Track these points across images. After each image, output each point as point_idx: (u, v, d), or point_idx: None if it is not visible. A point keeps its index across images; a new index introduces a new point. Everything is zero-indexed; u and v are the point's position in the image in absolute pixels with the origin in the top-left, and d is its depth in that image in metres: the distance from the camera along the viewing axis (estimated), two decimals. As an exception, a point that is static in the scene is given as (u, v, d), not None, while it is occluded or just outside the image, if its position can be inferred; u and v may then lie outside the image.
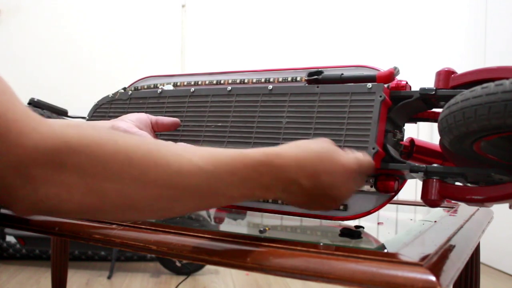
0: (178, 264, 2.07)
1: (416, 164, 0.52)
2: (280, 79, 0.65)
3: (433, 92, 0.53)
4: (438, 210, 0.75)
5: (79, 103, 1.18)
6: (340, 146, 0.54)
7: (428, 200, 0.51)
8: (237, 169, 0.40)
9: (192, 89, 0.69)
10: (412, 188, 1.80)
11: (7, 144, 0.31)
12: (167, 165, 0.37)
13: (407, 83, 0.57)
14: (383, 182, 0.54)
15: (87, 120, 0.80)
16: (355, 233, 0.52)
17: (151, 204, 0.37)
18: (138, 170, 0.35)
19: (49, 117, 0.85)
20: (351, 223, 0.59)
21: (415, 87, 0.57)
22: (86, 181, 0.34)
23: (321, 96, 0.57)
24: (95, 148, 0.34)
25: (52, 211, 0.35)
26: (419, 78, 0.88)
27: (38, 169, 0.32)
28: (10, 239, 2.22)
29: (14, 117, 0.32)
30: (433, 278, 0.36)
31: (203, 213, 0.74)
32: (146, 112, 0.69)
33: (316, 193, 0.44)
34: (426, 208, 0.82)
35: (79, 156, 0.33)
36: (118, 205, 0.36)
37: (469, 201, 0.49)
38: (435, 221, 0.61)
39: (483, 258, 0.80)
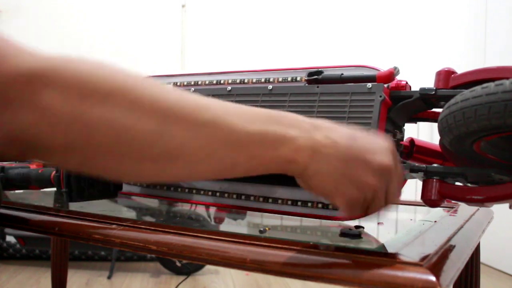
0: (178, 264, 2.07)
1: (416, 164, 0.52)
2: (280, 79, 0.65)
3: (433, 92, 0.53)
4: (438, 210, 0.75)
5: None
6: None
7: (428, 200, 0.51)
8: (256, 116, 0.34)
9: (192, 89, 0.69)
10: (412, 188, 1.80)
11: None
12: (167, 99, 0.32)
13: (407, 83, 0.57)
14: (383, 182, 0.54)
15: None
16: (355, 233, 0.52)
17: (148, 142, 0.31)
18: (130, 97, 0.30)
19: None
20: (351, 223, 0.59)
21: (415, 87, 0.57)
22: (73, 105, 0.29)
23: (321, 96, 0.57)
24: (85, 67, 0.30)
25: (32, 146, 0.29)
26: (419, 78, 0.88)
27: (17, 90, 0.28)
28: (10, 239, 2.22)
29: None
30: (433, 278, 0.36)
31: (203, 213, 0.74)
32: (146, 112, 0.69)
33: (350, 160, 0.37)
34: (426, 208, 0.82)
35: (64, 76, 0.29)
36: (108, 142, 0.30)
37: (469, 201, 0.49)
38: (435, 221, 0.61)
39: (483, 258, 0.80)
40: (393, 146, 0.41)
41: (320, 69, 0.61)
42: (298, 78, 0.64)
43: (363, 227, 0.57)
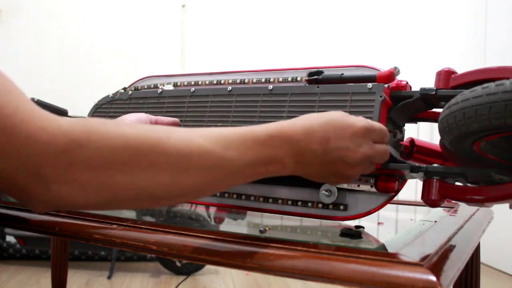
0: (178, 264, 2.07)
1: (416, 164, 0.52)
2: (280, 79, 0.65)
3: (434, 92, 0.53)
4: (438, 210, 0.75)
5: (79, 103, 1.18)
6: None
7: (428, 200, 0.51)
8: (248, 147, 0.40)
9: (192, 89, 0.69)
10: (412, 188, 1.80)
11: (18, 145, 0.31)
12: (176, 152, 0.36)
13: (407, 83, 0.57)
14: (383, 182, 0.54)
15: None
16: (355, 233, 0.52)
17: (164, 191, 0.37)
18: (148, 160, 0.35)
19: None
20: (351, 223, 0.59)
21: (415, 87, 0.57)
22: (98, 176, 0.34)
23: (321, 96, 0.57)
24: (104, 142, 0.34)
25: (68, 207, 0.35)
26: (419, 78, 0.88)
27: (48, 168, 0.32)
28: (10, 239, 2.22)
29: (23, 116, 0.32)
30: (433, 278, 0.36)
31: (203, 213, 0.74)
32: (146, 112, 0.69)
33: (329, 160, 0.43)
34: (426, 208, 0.82)
35: (89, 152, 0.33)
36: (132, 196, 0.36)
37: (469, 201, 0.49)
38: (435, 221, 0.61)
39: (483, 258, 0.80)
40: (363, 127, 0.45)
41: (320, 69, 0.61)
42: (299, 78, 0.64)
43: (363, 227, 0.57)
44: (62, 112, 0.92)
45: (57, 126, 0.33)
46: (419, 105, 0.57)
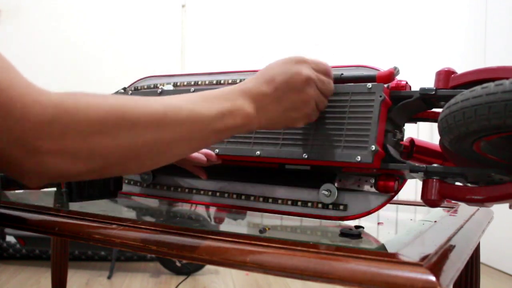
0: (178, 264, 2.07)
1: (416, 164, 0.52)
2: (280, 79, 0.65)
3: (433, 92, 0.53)
4: (438, 210, 0.75)
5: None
6: (340, 146, 0.54)
7: (428, 200, 0.51)
8: (212, 102, 0.45)
9: (192, 89, 0.69)
10: (412, 188, 1.80)
11: (13, 119, 0.32)
12: (154, 111, 0.40)
13: (407, 83, 0.57)
14: (383, 182, 0.54)
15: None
16: (355, 233, 0.52)
17: (147, 150, 0.40)
18: (131, 120, 0.38)
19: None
20: (351, 223, 0.59)
21: (415, 87, 0.57)
22: (88, 143, 0.36)
23: (321, 96, 0.57)
24: (91, 109, 0.36)
25: (62, 177, 0.37)
26: (419, 78, 0.88)
27: (42, 140, 0.34)
28: (10, 239, 2.22)
29: (18, 91, 0.33)
30: (433, 278, 0.36)
31: (203, 213, 0.74)
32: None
33: (281, 95, 0.48)
34: (426, 208, 0.82)
35: (78, 119, 0.35)
36: (120, 157, 0.39)
37: (469, 201, 0.49)
38: (435, 221, 0.61)
39: (483, 258, 0.80)
40: (301, 57, 0.51)
41: (320, 69, 0.61)
42: (298, 78, 0.63)
43: (363, 227, 0.57)
44: None
45: (48, 98, 0.34)
46: (419, 105, 0.57)
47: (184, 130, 0.42)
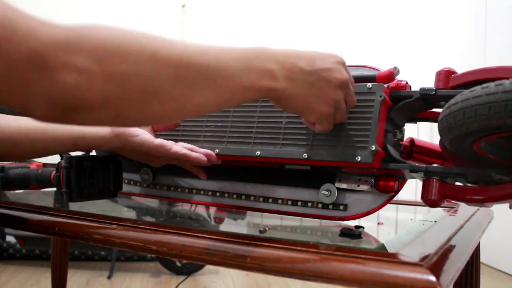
0: (178, 264, 2.07)
1: (416, 164, 0.52)
2: (280, 79, 0.65)
3: (433, 92, 0.53)
4: (438, 210, 0.75)
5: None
6: (340, 146, 0.54)
7: (428, 200, 0.51)
8: (240, 55, 0.42)
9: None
10: (412, 188, 1.80)
11: (17, 39, 0.30)
12: (174, 45, 0.38)
13: (407, 83, 0.57)
14: (383, 182, 0.54)
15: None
16: (355, 233, 0.52)
17: (170, 87, 0.37)
18: (149, 50, 0.36)
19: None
20: (351, 223, 0.59)
21: (415, 87, 0.57)
22: (103, 66, 0.33)
23: (321, 96, 0.57)
24: (105, 33, 0.34)
25: (72, 106, 0.33)
26: (419, 78, 0.88)
27: (52, 56, 0.31)
28: (10, 239, 2.22)
29: (20, 17, 0.31)
30: (433, 278, 0.36)
31: (203, 213, 0.74)
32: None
33: (315, 80, 0.47)
34: (426, 208, 0.82)
35: (92, 41, 0.33)
36: (139, 90, 0.36)
37: (469, 201, 0.49)
38: (435, 221, 0.61)
39: (483, 258, 0.80)
40: (343, 59, 0.50)
41: (320, 69, 0.60)
42: (298, 78, 0.64)
43: (363, 227, 0.57)
44: None
45: (55, 24, 0.33)
46: (419, 105, 0.57)
47: (209, 75, 0.39)
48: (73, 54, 0.32)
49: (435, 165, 0.52)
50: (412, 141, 0.65)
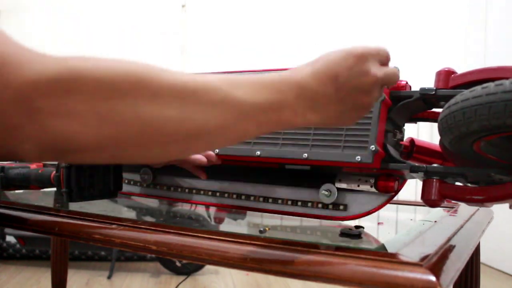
0: (178, 264, 2.07)
1: (416, 164, 0.52)
2: (280, 79, 0.65)
3: (433, 92, 0.53)
4: (438, 210, 0.75)
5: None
6: (340, 146, 0.54)
7: (428, 200, 0.51)
8: (256, 90, 0.37)
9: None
10: (412, 188, 1.80)
11: (5, 77, 0.27)
12: (181, 84, 0.34)
13: (407, 83, 0.57)
14: (383, 182, 0.54)
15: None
16: (355, 233, 0.52)
17: (173, 128, 0.33)
18: (151, 90, 0.32)
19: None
20: (351, 223, 0.59)
21: (415, 87, 0.57)
22: (97, 107, 0.30)
23: (321, 96, 0.57)
24: (101, 70, 0.31)
25: (65, 150, 0.31)
26: (419, 78, 0.88)
27: (42, 99, 0.28)
28: (10, 239, 2.22)
29: (10, 50, 0.28)
30: (433, 278, 0.36)
31: (203, 213, 0.74)
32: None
33: (344, 95, 0.42)
34: (426, 208, 0.82)
35: (86, 81, 0.30)
36: (138, 133, 0.32)
37: (469, 201, 0.49)
38: (435, 221, 0.61)
39: (483, 258, 0.80)
40: (362, 50, 0.43)
41: (320, 69, 0.60)
42: (298, 78, 0.63)
43: (363, 227, 0.57)
44: None
45: (49, 58, 0.30)
46: (419, 105, 0.57)
47: (219, 115, 0.35)
48: (64, 96, 0.29)
49: (435, 165, 0.52)
50: (412, 141, 0.65)
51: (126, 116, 0.31)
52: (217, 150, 0.63)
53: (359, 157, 0.52)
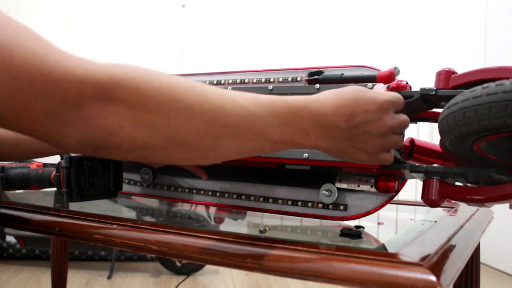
0: (178, 264, 2.07)
1: (416, 164, 0.52)
2: (280, 79, 0.65)
3: (434, 92, 0.53)
4: (438, 210, 0.75)
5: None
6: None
7: (428, 200, 0.51)
8: (277, 111, 0.41)
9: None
10: (412, 188, 1.81)
11: (55, 81, 0.32)
12: (211, 101, 0.38)
13: (407, 83, 0.57)
14: (383, 182, 0.54)
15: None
16: (355, 233, 0.52)
17: (196, 139, 0.38)
18: (183, 103, 0.37)
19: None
20: (351, 223, 0.59)
21: (415, 87, 0.57)
22: (134, 114, 0.35)
23: (321, 96, 0.57)
24: (140, 82, 0.35)
25: (101, 146, 0.35)
26: (419, 78, 0.88)
27: (87, 101, 0.33)
28: (10, 239, 2.22)
29: (57, 57, 0.33)
30: (433, 278, 0.36)
31: (203, 213, 0.74)
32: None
33: (354, 134, 0.45)
34: (426, 208, 0.82)
35: (125, 89, 0.34)
36: (166, 139, 0.37)
37: (469, 201, 0.49)
38: (435, 221, 0.61)
39: (483, 258, 0.80)
40: (388, 100, 0.47)
41: (320, 69, 0.61)
42: (299, 78, 0.64)
43: (363, 227, 0.57)
44: None
45: (93, 64, 0.34)
46: (419, 105, 0.56)
47: (239, 131, 0.40)
48: (107, 101, 0.34)
49: (435, 165, 0.52)
50: (412, 141, 0.65)
51: (157, 124, 0.36)
52: (217, 150, 0.63)
53: (359, 157, 0.52)
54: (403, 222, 0.73)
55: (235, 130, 0.39)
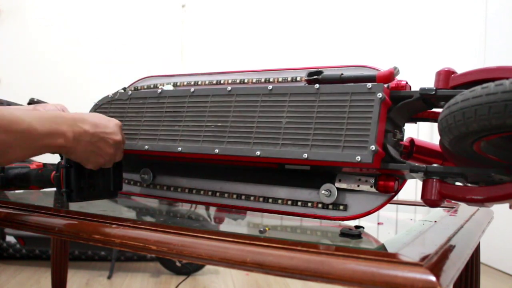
0: (178, 264, 2.07)
1: (416, 164, 0.52)
2: (280, 79, 0.65)
3: (433, 92, 0.53)
4: (438, 210, 0.75)
5: (79, 103, 1.18)
6: (340, 146, 0.54)
7: (428, 200, 0.51)
8: (44, 120, 0.55)
9: (192, 89, 0.69)
10: (412, 188, 1.81)
11: None
12: (4, 118, 0.50)
13: (407, 83, 0.57)
14: (383, 182, 0.54)
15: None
16: (355, 233, 0.52)
17: None
18: None
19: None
20: (351, 223, 0.59)
21: (415, 87, 0.57)
22: None
23: (321, 96, 0.57)
24: None
25: None
26: (419, 78, 0.88)
27: None
28: (10, 239, 2.22)
29: None
30: (433, 278, 0.36)
31: (203, 213, 0.74)
32: (145, 112, 0.69)
33: (95, 140, 0.60)
34: (426, 208, 0.82)
35: None
36: None
37: (469, 201, 0.49)
38: (435, 221, 0.61)
39: (483, 258, 0.80)
40: (120, 124, 0.65)
41: (320, 69, 0.61)
42: (298, 78, 0.64)
43: (363, 227, 0.57)
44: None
45: None
46: (419, 105, 0.57)
47: (23, 139, 0.52)
48: None
49: (435, 165, 0.52)
50: (412, 141, 0.65)
51: None
52: (217, 150, 0.63)
53: (359, 157, 0.52)
54: (403, 222, 0.73)
55: (20, 139, 0.52)
